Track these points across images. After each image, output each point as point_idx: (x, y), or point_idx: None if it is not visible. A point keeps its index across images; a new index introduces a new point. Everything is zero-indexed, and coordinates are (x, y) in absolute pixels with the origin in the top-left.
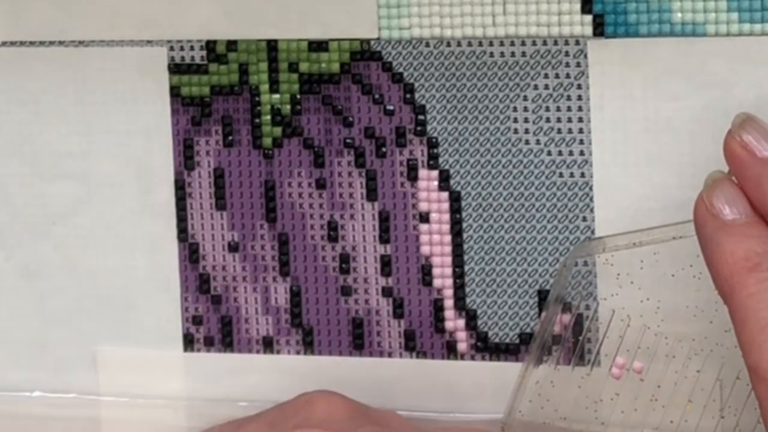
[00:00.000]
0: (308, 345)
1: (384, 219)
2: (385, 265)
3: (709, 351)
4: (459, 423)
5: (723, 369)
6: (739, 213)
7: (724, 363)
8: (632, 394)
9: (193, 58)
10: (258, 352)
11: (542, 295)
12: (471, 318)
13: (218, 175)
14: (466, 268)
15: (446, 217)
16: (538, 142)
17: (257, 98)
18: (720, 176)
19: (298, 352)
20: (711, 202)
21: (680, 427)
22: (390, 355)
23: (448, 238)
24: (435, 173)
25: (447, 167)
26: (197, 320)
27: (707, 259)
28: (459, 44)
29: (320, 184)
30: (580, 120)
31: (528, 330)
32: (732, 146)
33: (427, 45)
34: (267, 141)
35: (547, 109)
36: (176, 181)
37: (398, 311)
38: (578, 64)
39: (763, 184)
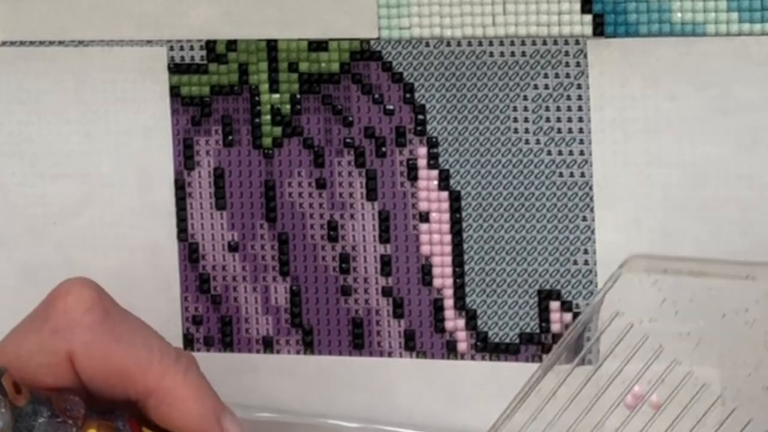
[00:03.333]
0: (308, 345)
1: (384, 219)
2: (385, 265)
3: (738, 404)
4: None
5: (748, 426)
6: None
7: (752, 420)
8: (640, 424)
9: (193, 58)
10: (258, 352)
11: (542, 295)
12: (471, 318)
13: (218, 175)
14: (466, 268)
15: (446, 217)
16: (538, 142)
17: (257, 98)
18: None
19: (298, 352)
20: None
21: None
22: (390, 355)
23: (448, 238)
24: (435, 173)
25: (447, 167)
26: (197, 320)
27: None
28: (459, 44)
29: (320, 184)
30: (580, 120)
31: (528, 330)
32: None
33: (427, 45)
34: (267, 141)
35: (547, 109)
36: (176, 181)
37: (398, 311)
38: (578, 64)
39: None
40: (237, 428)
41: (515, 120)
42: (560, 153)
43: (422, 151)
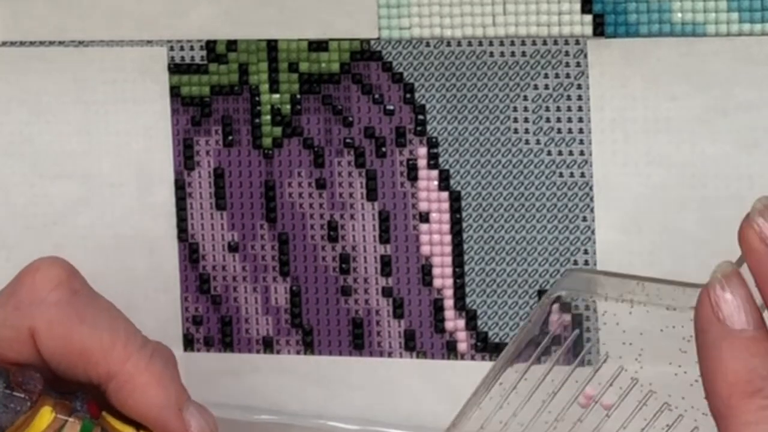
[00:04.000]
0: (308, 345)
1: (384, 219)
2: (385, 265)
3: (684, 410)
4: None
5: None
6: (747, 323)
7: (696, 429)
8: (594, 423)
9: (193, 58)
10: (258, 352)
11: (542, 295)
12: (471, 318)
13: (218, 175)
14: (466, 268)
15: (446, 217)
16: (538, 142)
17: (257, 98)
18: (730, 271)
19: (298, 352)
20: (718, 304)
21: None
22: (390, 355)
23: (448, 238)
24: (435, 173)
25: (447, 167)
26: (197, 320)
27: (705, 367)
28: (459, 44)
29: (320, 184)
30: (580, 120)
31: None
32: (749, 237)
33: (427, 45)
34: (267, 141)
35: (547, 109)
36: (176, 181)
37: (398, 311)
38: (578, 64)
39: None
40: (199, 421)
41: (515, 120)
42: (560, 153)
43: (422, 151)
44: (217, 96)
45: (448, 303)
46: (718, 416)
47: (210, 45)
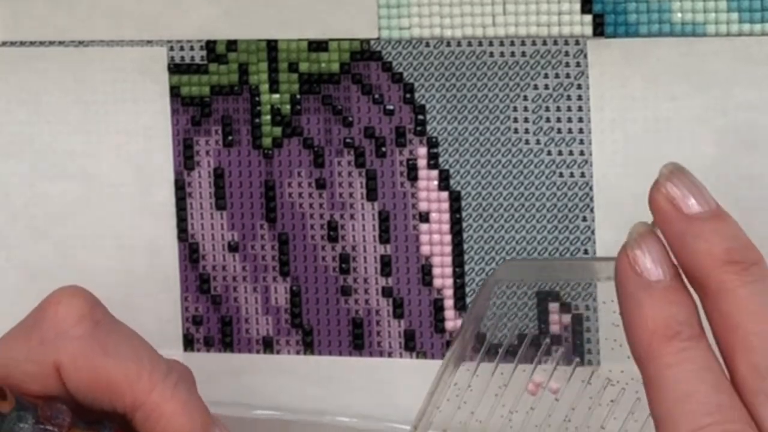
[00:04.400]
0: (308, 345)
1: (384, 219)
2: (385, 265)
3: (634, 392)
4: None
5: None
6: (663, 274)
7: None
8: (546, 411)
9: (193, 58)
10: (258, 352)
11: (541, 296)
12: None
13: (218, 175)
14: (466, 268)
15: (446, 217)
16: (538, 142)
17: (257, 98)
18: (645, 230)
19: (298, 352)
20: (635, 259)
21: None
22: (390, 355)
23: (448, 238)
24: (435, 173)
25: (447, 167)
26: (197, 320)
27: (626, 317)
28: (459, 44)
29: (320, 184)
30: (580, 120)
31: (527, 331)
32: (657, 199)
33: (427, 45)
34: (267, 141)
35: (547, 109)
36: (176, 181)
37: (398, 311)
38: (578, 64)
39: (688, 242)
40: None
41: (515, 120)
42: (560, 153)
43: (422, 151)
44: (217, 96)
45: (448, 303)
46: (640, 362)
47: (210, 45)
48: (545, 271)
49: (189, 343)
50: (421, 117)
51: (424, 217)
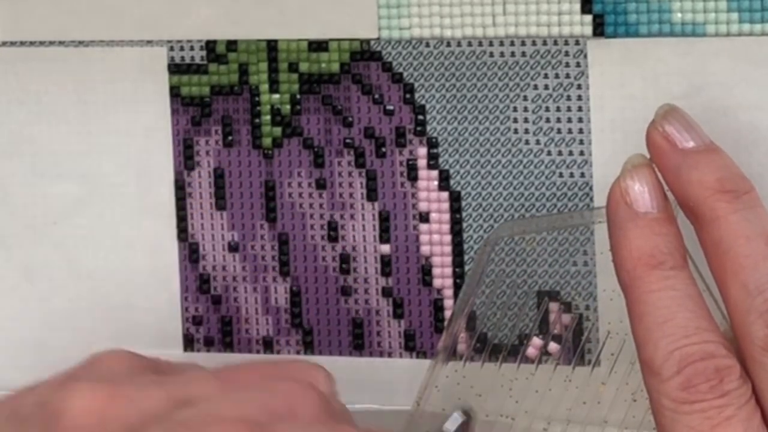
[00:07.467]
0: (308, 345)
1: (384, 219)
2: (385, 265)
3: (624, 335)
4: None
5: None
6: (653, 207)
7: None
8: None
9: (193, 58)
10: (258, 352)
11: (542, 296)
12: (471, 318)
13: (218, 175)
14: (466, 268)
15: (446, 217)
16: (538, 142)
17: (257, 98)
18: (640, 162)
19: (298, 352)
20: (626, 190)
21: (592, 409)
22: (390, 355)
23: (448, 238)
24: (435, 173)
25: (447, 167)
26: (197, 320)
27: (613, 245)
28: (459, 44)
29: (320, 184)
30: (580, 120)
31: (527, 331)
32: (654, 136)
33: (427, 45)
34: (267, 141)
35: (547, 109)
36: (176, 181)
37: (398, 311)
38: (578, 64)
39: (682, 174)
40: None
41: (515, 120)
42: (560, 153)
43: (422, 151)
44: (217, 96)
45: (448, 303)
46: (625, 287)
47: (210, 45)
48: (542, 222)
49: (189, 343)
50: (421, 117)
51: (424, 217)
